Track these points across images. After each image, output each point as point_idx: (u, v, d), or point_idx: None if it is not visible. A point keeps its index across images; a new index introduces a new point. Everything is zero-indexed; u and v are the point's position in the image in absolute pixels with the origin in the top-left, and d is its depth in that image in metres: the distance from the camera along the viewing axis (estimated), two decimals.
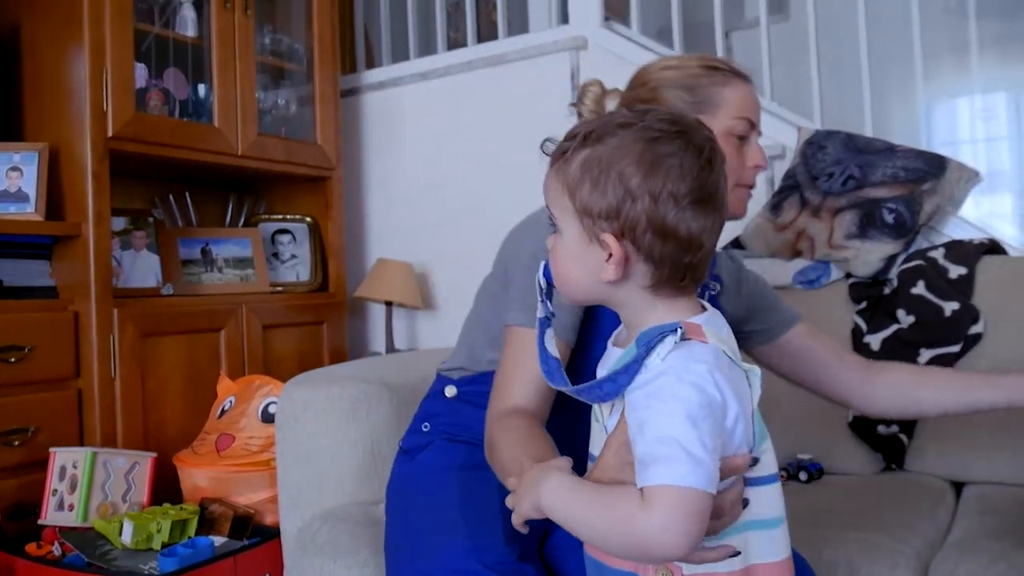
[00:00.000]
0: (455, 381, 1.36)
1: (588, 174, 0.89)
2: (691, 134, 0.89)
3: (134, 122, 2.31)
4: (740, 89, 1.27)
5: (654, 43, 2.76)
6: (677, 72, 1.27)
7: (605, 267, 0.88)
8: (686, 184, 0.86)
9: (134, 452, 2.15)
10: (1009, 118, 3.75)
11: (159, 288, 2.50)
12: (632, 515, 0.80)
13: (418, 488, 1.30)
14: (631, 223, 0.87)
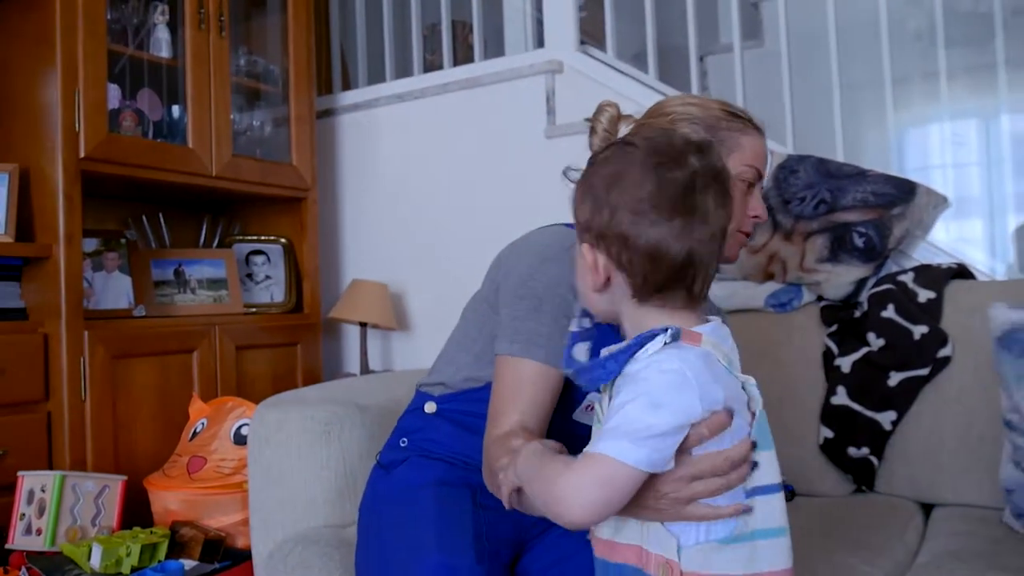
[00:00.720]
0: (435, 397, 1.36)
1: (580, 191, 0.98)
2: (668, 147, 0.94)
3: (107, 143, 2.30)
4: (755, 139, 1.32)
5: (629, 67, 2.78)
6: (699, 110, 1.31)
7: (613, 292, 0.95)
8: (642, 192, 0.90)
9: (104, 475, 2.12)
10: (979, 144, 3.81)
11: (131, 310, 2.49)
12: (559, 473, 0.88)
13: (392, 504, 1.30)
14: (600, 233, 0.94)
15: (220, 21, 2.62)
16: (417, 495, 1.28)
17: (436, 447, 1.33)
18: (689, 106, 1.32)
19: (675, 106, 1.33)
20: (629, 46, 3.25)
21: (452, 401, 1.34)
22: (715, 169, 0.94)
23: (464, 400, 1.32)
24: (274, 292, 2.95)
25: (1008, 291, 1.77)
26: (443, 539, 1.20)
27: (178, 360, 2.49)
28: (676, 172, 0.91)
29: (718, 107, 1.32)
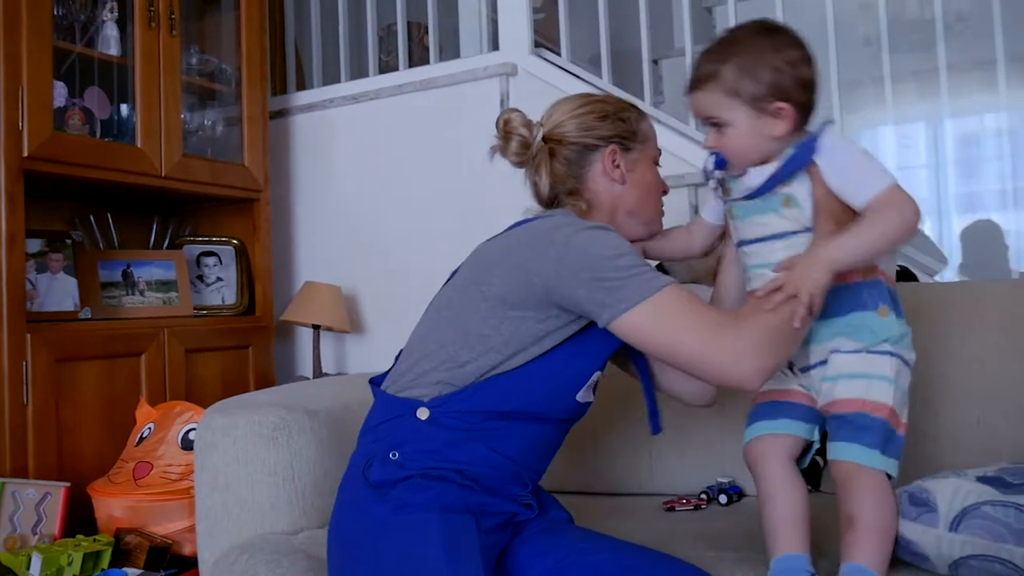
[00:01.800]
0: (427, 403, 1.29)
1: (743, 74, 1.26)
2: (769, 24, 1.34)
3: (51, 142, 2.26)
4: (649, 122, 1.50)
5: (582, 70, 2.79)
6: (610, 107, 1.46)
7: (776, 125, 1.26)
8: (798, 51, 1.29)
9: (46, 482, 2.08)
10: (926, 147, 3.88)
11: (76, 312, 2.44)
12: (899, 199, 1.23)
13: (392, 531, 1.23)
14: (786, 89, 1.26)
15: (171, 19, 2.58)
16: (422, 523, 1.22)
17: (432, 460, 1.27)
18: (598, 104, 1.46)
19: (588, 106, 1.46)
20: (585, 49, 3.26)
21: (449, 402, 1.28)
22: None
23: (466, 399, 1.28)
24: (225, 294, 2.92)
25: (948, 293, 1.80)
26: (454, 568, 1.18)
27: (125, 364, 2.45)
28: (790, 34, 1.32)
29: (615, 100, 1.49)
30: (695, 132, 2.61)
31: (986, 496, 1.18)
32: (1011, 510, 1.15)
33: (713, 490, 1.80)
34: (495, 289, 1.29)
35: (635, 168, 1.44)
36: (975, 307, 1.73)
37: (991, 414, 1.63)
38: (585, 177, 1.44)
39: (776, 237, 1.29)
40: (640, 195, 1.45)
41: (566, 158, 1.44)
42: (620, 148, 1.43)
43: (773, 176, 1.27)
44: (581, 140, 1.43)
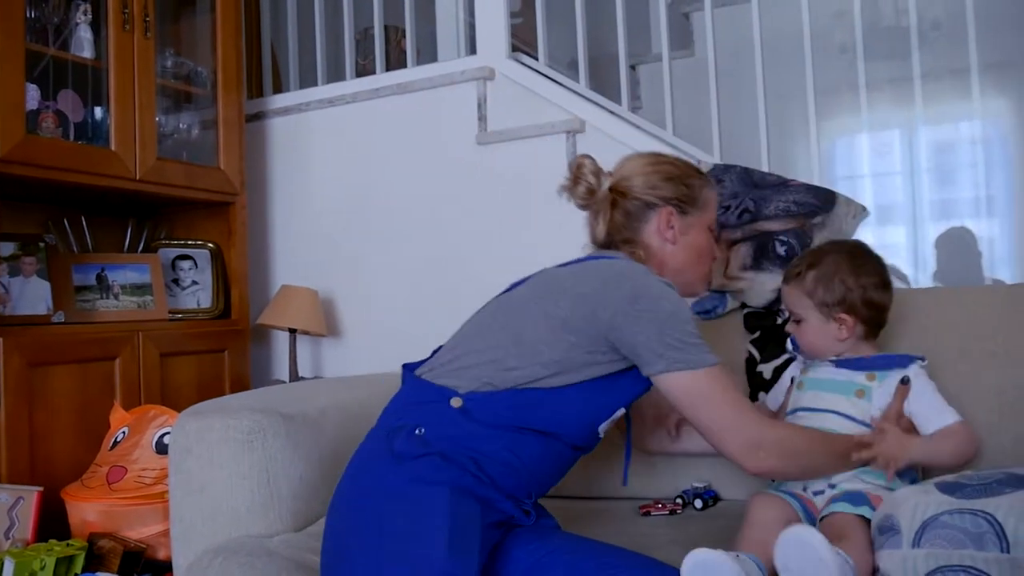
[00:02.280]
0: (462, 394, 1.35)
1: (819, 283, 1.56)
2: (860, 249, 1.63)
3: (24, 145, 2.24)
4: (713, 191, 1.62)
5: (560, 75, 2.80)
6: (673, 169, 1.58)
7: (840, 331, 1.56)
8: (876, 278, 1.57)
9: (18, 487, 2.06)
10: (901, 154, 3.91)
11: (50, 316, 2.42)
12: (968, 432, 1.52)
13: (402, 498, 1.28)
14: (853, 304, 1.55)
15: (145, 22, 2.57)
16: (431, 493, 1.27)
17: (454, 444, 1.31)
18: (664, 166, 1.58)
19: (656, 166, 1.59)
20: (563, 54, 3.28)
21: (487, 400, 1.35)
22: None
23: (500, 401, 1.35)
24: (201, 298, 2.90)
25: (921, 299, 1.82)
26: (453, 546, 1.22)
27: (99, 368, 2.43)
28: (874, 262, 1.60)
29: (684, 165, 1.61)
30: (672, 137, 2.63)
31: (944, 506, 1.18)
32: (967, 515, 1.15)
33: (688, 494, 1.81)
34: (559, 311, 1.38)
35: (688, 232, 1.56)
36: (947, 313, 1.75)
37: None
38: (640, 230, 1.56)
39: (835, 414, 1.53)
40: (688, 257, 1.57)
41: (626, 210, 1.56)
42: (678, 210, 1.55)
43: (866, 360, 1.56)
44: (643, 197, 1.55)
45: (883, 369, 1.54)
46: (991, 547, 1.12)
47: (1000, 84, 3.62)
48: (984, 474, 1.27)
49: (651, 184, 1.55)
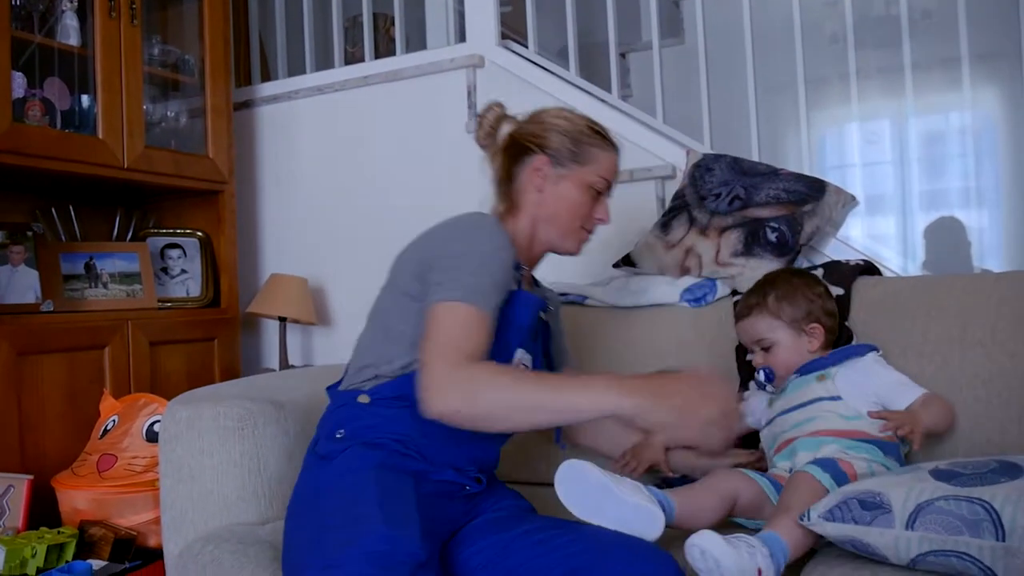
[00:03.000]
0: (367, 391, 1.42)
1: (784, 302, 1.65)
2: (799, 269, 1.86)
3: (11, 133, 2.22)
4: (611, 155, 1.62)
5: (549, 62, 2.80)
6: (568, 124, 1.59)
7: (811, 343, 1.65)
8: (823, 288, 1.70)
9: (8, 475, 2.06)
10: (892, 144, 3.92)
11: (38, 304, 2.41)
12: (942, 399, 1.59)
13: (333, 491, 1.32)
14: (816, 314, 1.65)
15: (132, 9, 2.55)
16: (359, 478, 1.31)
17: (376, 433, 1.38)
18: (560, 119, 1.60)
19: (550, 117, 1.61)
20: (553, 42, 3.27)
21: (386, 389, 1.41)
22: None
23: (398, 386, 1.40)
24: (190, 286, 2.89)
25: (910, 288, 1.83)
26: (387, 513, 1.23)
27: (89, 356, 2.43)
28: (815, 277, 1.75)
29: (585, 123, 1.60)
30: (662, 125, 2.62)
31: (940, 492, 1.20)
32: (964, 503, 1.17)
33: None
34: (403, 286, 1.45)
35: (560, 183, 1.57)
36: (935, 301, 1.75)
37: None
38: (517, 176, 1.60)
39: (811, 403, 1.57)
40: (557, 209, 1.58)
41: (511, 154, 1.61)
42: (552, 161, 1.57)
43: (823, 358, 1.62)
44: (524, 142, 1.59)
45: (839, 363, 1.61)
46: (987, 535, 1.13)
47: (991, 74, 3.63)
48: (977, 462, 1.28)
49: (535, 132, 1.59)
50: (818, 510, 1.27)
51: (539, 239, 1.61)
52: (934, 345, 1.70)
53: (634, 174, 2.48)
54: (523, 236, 1.60)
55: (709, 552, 1.20)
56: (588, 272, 2.41)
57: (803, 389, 1.60)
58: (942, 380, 1.66)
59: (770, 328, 1.66)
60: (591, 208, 1.61)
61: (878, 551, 1.22)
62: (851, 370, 1.59)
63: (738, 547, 1.21)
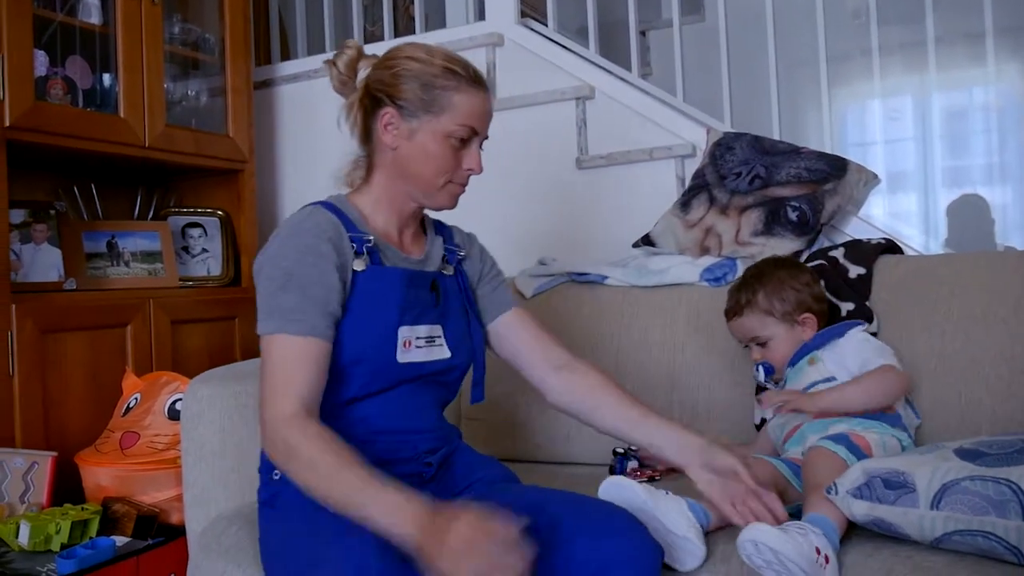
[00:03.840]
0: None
1: (773, 297, 1.66)
2: (783, 258, 1.83)
3: (33, 111, 2.23)
4: (471, 97, 1.37)
5: (569, 41, 2.78)
6: (420, 66, 1.37)
7: (805, 332, 1.65)
8: (808, 275, 1.71)
9: (33, 452, 2.08)
10: (914, 121, 3.88)
11: (61, 283, 2.43)
12: (882, 373, 1.54)
13: (291, 522, 1.29)
14: (807, 303, 1.66)
15: None
16: (313, 516, 1.24)
17: None
18: (412, 61, 1.37)
19: (401, 58, 1.39)
20: (573, 20, 3.24)
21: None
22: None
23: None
24: (211, 265, 2.91)
25: (933, 266, 1.81)
26: (350, 528, 1.17)
27: (111, 335, 2.44)
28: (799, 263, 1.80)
29: (440, 62, 1.37)
30: (682, 104, 2.61)
31: (965, 472, 1.19)
32: (989, 483, 1.16)
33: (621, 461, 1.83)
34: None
35: (414, 136, 1.38)
36: (958, 279, 1.74)
37: (973, 386, 1.64)
38: (374, 131, 1.43)
39: (809, 387, 1.59)
40: (417, 164, 1.39)
41: (364, 107, 1.43)
42: (400, 112, 1.37)
43: (807, 344, 1.64)
44: (373, 92, 1.40)
45: (824, 344, 1.62)
46: (1013, 515, 1.13)
47: (1015, 49, 3.57)
48: (1002, 441, 1.27)
49: (384, 80, 1.38)
50: (845, 485, 1.26)
51: (406, 196, 1.43)
52: (956, 323, 1.69)
53: (654, 153, 2.46)
54: (386, 201, 1.44)
55: (763, 544, 1.17)
56: (608, 252, 2.41)
57: (799, 377, 1.62)
58: (965, 358, 1.66)
59: (763, 325, 1.66)
60: (455, 160, 1.39)
61: (901, 530, 1.22)
62: (835, 349, 1.60)
63: (790, 532, 1.18)
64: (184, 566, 1.62)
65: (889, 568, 1.20)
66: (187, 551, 1.65)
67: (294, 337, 1.26)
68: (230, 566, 1.44)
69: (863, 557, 1.24)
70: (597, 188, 2.50)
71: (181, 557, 1.89)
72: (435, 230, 1.57)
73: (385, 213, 1.45)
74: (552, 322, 2.12)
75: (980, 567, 1.16)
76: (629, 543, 1.22)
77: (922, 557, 1.20)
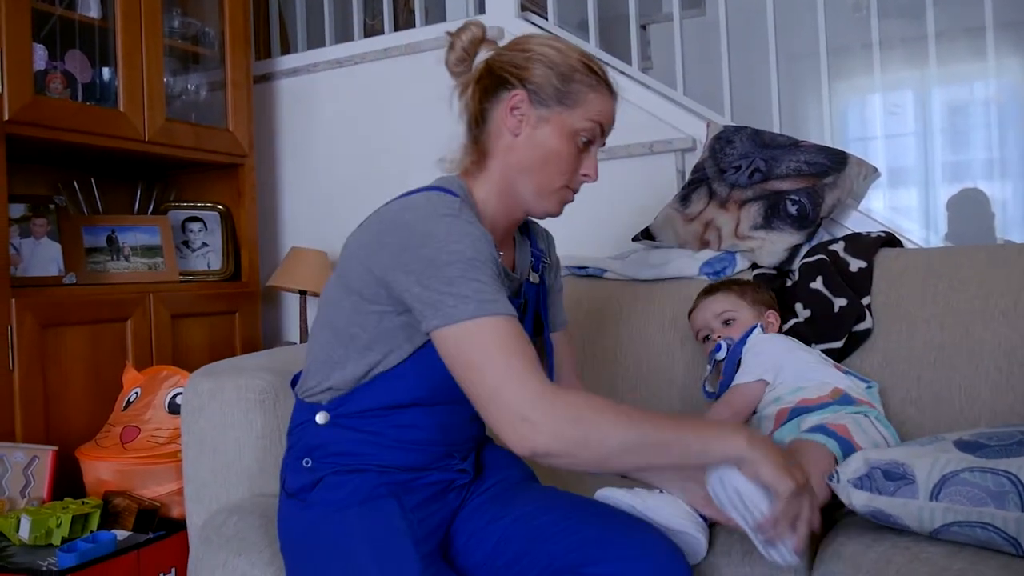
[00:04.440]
0: (324, 406, 1.28)
1: (747, 289, 1.80)
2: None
3: (32, 106, 2.23)
4: (605, 99, 1.31)
5: (569, 34, 2.77)
6: (558, 55, 1.28)
7: (769, 326, 1.75)
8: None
9: (33, 446, 2.08)
10: (915, 115, 3.88)
11: (61, 277, 2.43)
12: (732, 394, 1.65)
13: (318, 535, 1.24)
14: (773, 306, 1.80)
15: None
16: (343, 519, 1.22)
17: (346, 459, 1.26)
18: (549, 48, 1.29)
19: (537, 45, 1.30)
20: (573, 13, 3.24)
21: (344, 404, 1.27)
22: None
23: (356, 401, 1.26)
24: (211, 260, 2.91)
25: (933, 259, 1.81)
26: (383, 564, 1.17)
27: (111, 329, 2.44)
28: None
29: (578, 57, 1.30)
30: (682, 98, 2.60)
31: (964, 464, 1.19)
32: (988, 475, 1.16)
33: None
34: (352, 283, 1.24)
35: (540, 127, 1.28)
36: (958, 272, 1.74)
37: (972, 378, 1.64)
38: (491, 114, 1.31)
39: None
40: (533, 158, 1.29)
41: (485, 87, 1.31)
42: (531, 97, 1.27)
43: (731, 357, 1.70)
44: (502, 72, 1.29)
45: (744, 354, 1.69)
46: (1012, 507, 1.13)
47: (1016, 43, 3.57)
48: (1002, 433, 1.27)
49: (515, 62, 1.28)
50: (847, 474, 1.26)
51: (516, 197, 1.32)
52: (956, 316, 1.69)
53: (654, 147, 2.46)
54: (496, 196, 1.33)
55: (728, 481, 1.14)
56: (607, 245, 2.41)
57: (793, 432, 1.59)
58: (964, 351, 1.66)
59: (735, 305, 1.76)
60: (576, 161, 1.30)
61: (901, 521, 1.22)
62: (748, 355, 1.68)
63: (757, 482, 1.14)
64: (185, 560, 1.63)
65: (888, 559, 1.20)
66: (188, 545, 1.65)
67: (501, 318, 1.10)
68: (231, 556, 1.43)
69: (862, 547, 1.24)
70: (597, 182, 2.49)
71: (182, 551, 1.90)
72: (522, 231, 1.47)
73: (493, 210, 1.33)
74: None
75: (979, 558, 1.16)
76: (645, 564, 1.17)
77: (921, 548, 1.20)
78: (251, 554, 1.42)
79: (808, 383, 1.58)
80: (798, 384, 1.58)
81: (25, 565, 1.76)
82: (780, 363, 1.63)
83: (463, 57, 1.34)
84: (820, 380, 1.59)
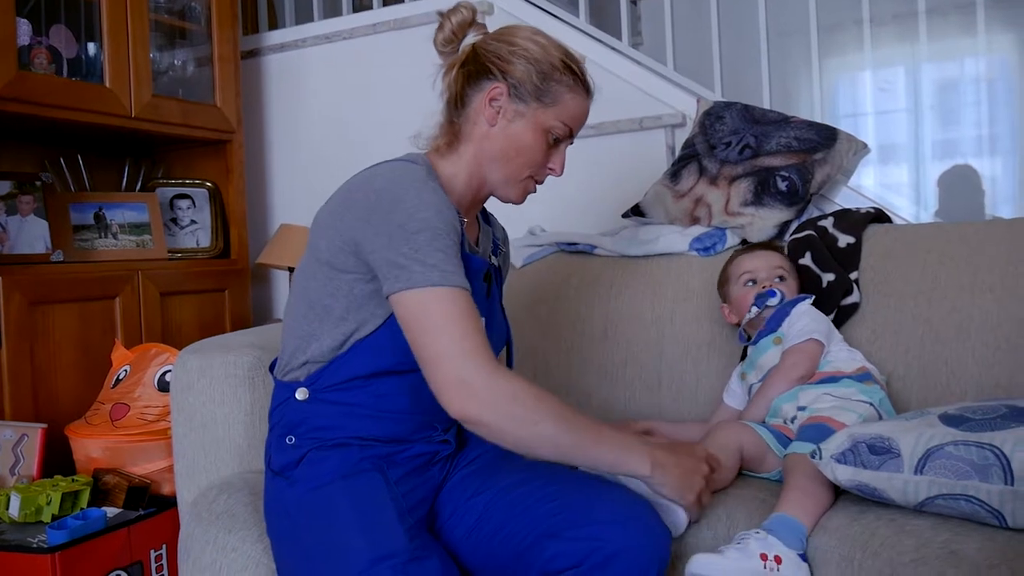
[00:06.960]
0: (303, 382, 1.30)
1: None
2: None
3: (17, 81, 2.21)
4: (581, 101, 1.37)
5: (559, 9, 2.76)
6: (540, 51, 1.33)
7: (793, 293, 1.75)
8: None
9: (23, 424, 2.08)
10: (906, 92, 3.88)
11: (48, 255, 2.41)
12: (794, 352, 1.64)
13: (304, 511, 1.26)
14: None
15: None
16: (328, 494, 1.24)
17: (328, 433, 1.29)
18: (532, 44, 1.33)
19: (522, 39, 1.34)
20: None
21: (320, 377, 1.29)
22: None
23: (333, 373, 1.28)
24: (200, 237, 2.90)
25: (921, 235, 1.82)
26: (370, 535, 1.20)
27: (100, 306, 2.44)
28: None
29: (560, 56, 1.34)
30: (672, 73, 2.59)
31: (949, 437, 1.20)
32: (972, 448, 1.17)
33: None
34: (322, 254, 1.27)
35: (515, 120, 1.33)
36: (946, 248, 1.75)
37: (959, 352, 1.65)
38: (470, 99, 1.35)
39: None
40: (505, 149, 1.34)
41: (468, 72, 1.35)
42: (510, 92, 1.32)
43: (764, 328, 1.70)
44: (486, 62, 1.34)
45: (781, 323, 1.68)
46: (995, 479, 1.14)
47: (1006, 20, 3.57)
48: (986, 407, 1.28)
49: (500, 53, 1.33)
50: (830, 450, 1.27)
51: (484, 180, 1.38)
52: (944, 291, 1.70)
53: (644, 122, 2.46)
54: (465, 176, 1.37)
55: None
56: (597, 222, 2.41)
57: (764, 356, 1.67)
58: (952, 326, 1.66)
59: (790, 270, 1.79)
60: (544, 156, 1.36)
61: (886, 495, 1.23)
62: (790, 325, 1.66)
63: (727, 553, 1.20)
64: (175, 537, 1.63)
65: (873, 531, 1.21)
66: (178, 521, 1.66)
67: (460, 291, 1.17)
68: (222, 532, 1.44)
69: (848, 520, 1.25)
70: (587, 158, 2.49)
71: (172, 528, 1.90)
72: (483, 218, 1.53)
73: (461, 188, 1.38)
74: (541, 292, 2.13)
75: (963, 529, 1.17)
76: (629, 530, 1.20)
77: (906, 520, 1.22)
78: (241, 531, 1.42)
79: (837, 359, 1.63)
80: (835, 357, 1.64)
81: (15, 542, 1.76)
82: (829, 335, 1.66)
83: (451, 38, 1.38)
84: (849, 357, 1.64)
